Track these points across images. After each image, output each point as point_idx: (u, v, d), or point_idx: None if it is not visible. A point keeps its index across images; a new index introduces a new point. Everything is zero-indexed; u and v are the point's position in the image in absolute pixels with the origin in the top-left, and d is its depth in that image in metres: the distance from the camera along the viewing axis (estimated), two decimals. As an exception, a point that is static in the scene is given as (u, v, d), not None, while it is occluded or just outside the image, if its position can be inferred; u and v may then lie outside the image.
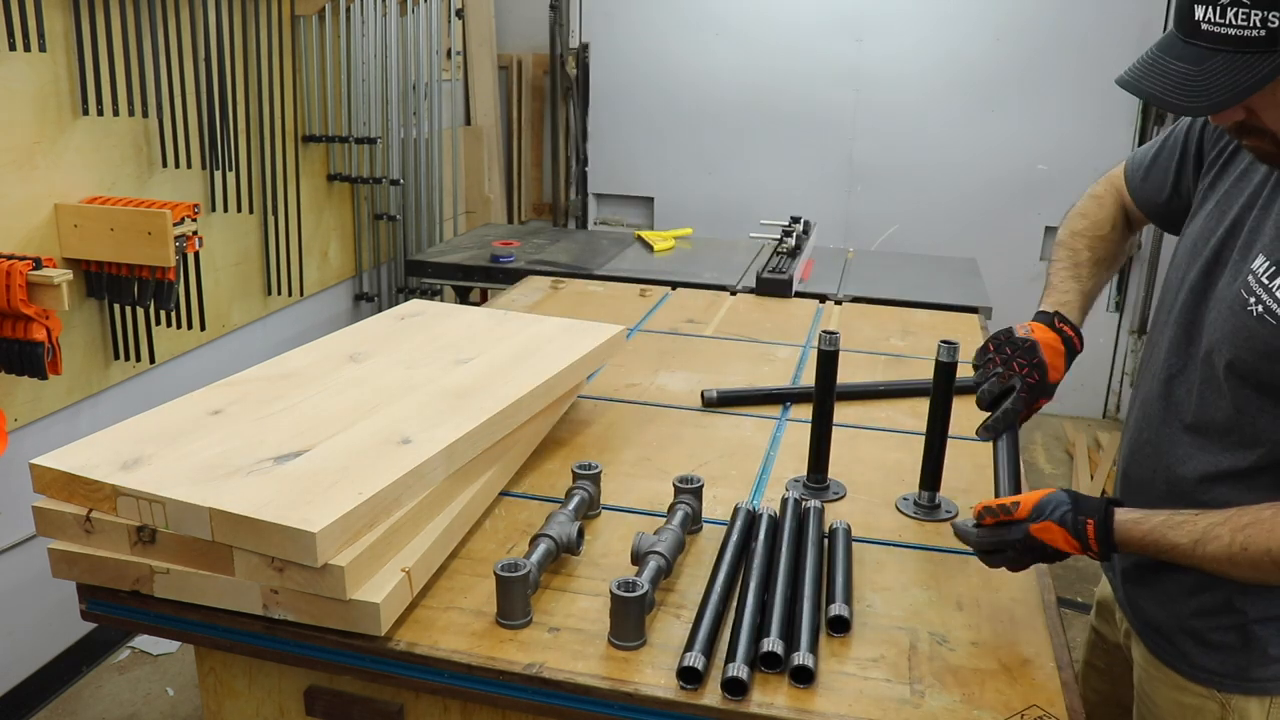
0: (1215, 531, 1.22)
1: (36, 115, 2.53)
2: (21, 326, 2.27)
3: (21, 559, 2.69)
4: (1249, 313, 1.26)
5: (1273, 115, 1.15)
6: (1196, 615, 1.41)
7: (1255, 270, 1.26)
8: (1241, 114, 1.17)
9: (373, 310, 4.25)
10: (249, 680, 1.50)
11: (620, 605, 1.32)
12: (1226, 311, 1.30)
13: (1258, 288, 1.25)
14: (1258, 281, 1.26)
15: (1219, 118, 1.19)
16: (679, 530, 1.51)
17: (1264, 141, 1.20)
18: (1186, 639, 1.43)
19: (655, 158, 5.36)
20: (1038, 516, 1.30)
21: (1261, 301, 1.24)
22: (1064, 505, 1.30)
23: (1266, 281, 1.25)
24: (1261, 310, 1.24)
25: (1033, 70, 4.79)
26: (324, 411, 1.60)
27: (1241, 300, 1.27)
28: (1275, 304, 1.23)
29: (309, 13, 3.60)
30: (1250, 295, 1.26)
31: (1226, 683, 1.39)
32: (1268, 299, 1.24)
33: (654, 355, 2.56)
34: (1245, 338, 1.26)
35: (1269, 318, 1.23)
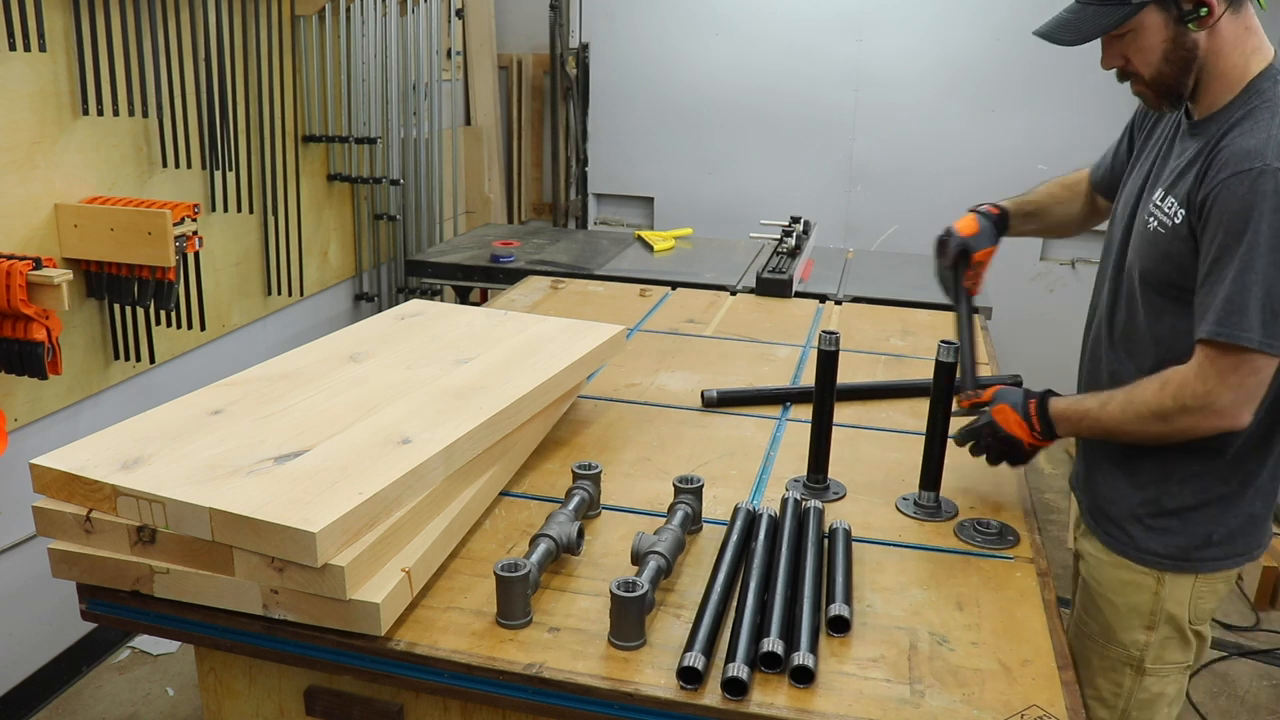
0: (1116, 397, 1.58)
1: (36, 115, 2.52)
2: (21, 326, 2.27)
3: (21, 559, 2.69)
4: (1148, 229, 1.60)
5: (1138, 59, 1.53)
6: (1142, 505, 1.67)
7: (1155, 200, 1.60)
8: (1120, 60, 1.55)
9: (373, 310, 4.25)
10: (249, 680, 1.50)
11: (620, 605, 1.32)
12: (1137, 236, 1.64)
13: (1155, 209, 1.59)
14: (1155, 206, 1.59)
15: (1106, 61, 1.57)
16: (679, 530, 1.51)
17: (1141, 85, 1.57)
18: (1135, 524, 1.68)
19: (655, 158, 5.35)
20: (997, 400, 1.70)
21: (1156, 218, 1.58)
22: (1016, 396, 1.69)
23: (1159, 204, 1.58)
24: (1155, 224, 1.58)
25: (1033, 70, 4.78)
26: (324, 411, 1.60)
27: (1144, 223, 1.62)
28: (1164, 216, 1.56)
29: (309, 13, 3.60)
30: (1150, 218, 1.60)
31: (1166, 563, 1.65)
32: (1160, 215, 1.57)
33: (654, 355, 2.56)
34: (1148, 249, 1.59)
35: (1160, 228, 1.56)
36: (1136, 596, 1.68)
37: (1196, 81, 1.53)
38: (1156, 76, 1.53)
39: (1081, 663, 1.74)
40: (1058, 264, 4.93)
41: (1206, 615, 1.69)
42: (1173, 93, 1.54)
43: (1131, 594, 1.68)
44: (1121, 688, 1.71)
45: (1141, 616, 1.67)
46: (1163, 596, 1.65)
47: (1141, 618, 1.67)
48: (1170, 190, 1.57)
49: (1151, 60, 1.51)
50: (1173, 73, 1.51)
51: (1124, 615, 1.69)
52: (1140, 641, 1.68)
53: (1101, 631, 1.73)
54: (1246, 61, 1.51)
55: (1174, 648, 1.68)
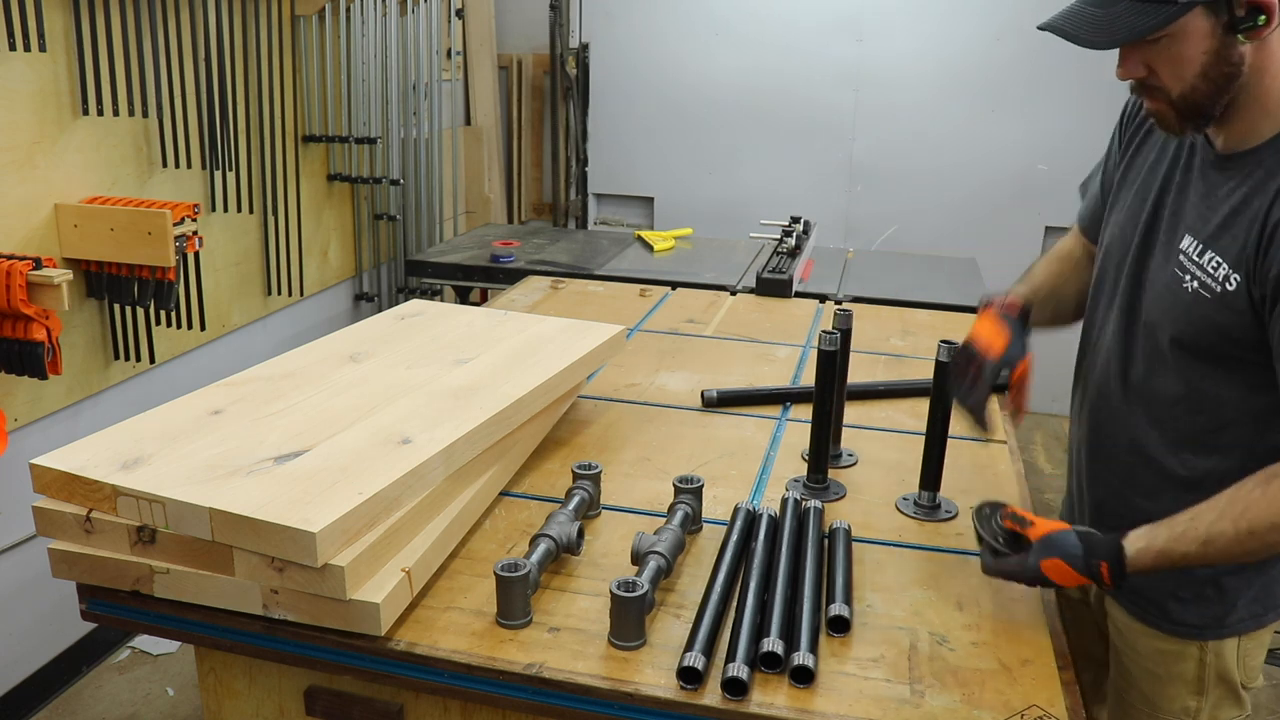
0: (1218, 528, 1.28)
1: (36, 115, 2.52)
2: (21, 326, 2.27)
3: (21, 559, 2.69)
4: (1185, 290, 1.36)
5: (1167, 71, 1.28)
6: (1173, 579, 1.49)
7: (1184, 250, 1.38)
8: (1142, 70, 1.31)
9: (373, 310, 4.25)
10: (249, 680, 1.50)
11: (620, 605, 1.32)
12: (1163, 290, 1.41)
13: (1190, 265, 1.36)
14: (1188, 259, 1.37)
15: (1124, 71, 1.33)
16: (679, 530, 1.51)
17: (1161, 102, 1.32)
18: (1168, 599, 1.52)
19: (655, 158, 5.36)
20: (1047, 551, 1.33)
21: (1195, 278, 1.35)
22: (1075, 551, 1.32)
23: (1197, 259, 1.35)
24: (1196, 286, 1.35)
25: (1033, 70, 4.78)
26: (324, 411, 1.60)
27: (1176, 279, 1.38)
28: (1208, 277, 1.33)
29: (309, 13, 3.60)
30: (1184, 274, 1.37)
31: (1206, 633, 1.51)
32: (1199, 274, 1.34)
33: (654, 355, 2.56)
34: (1183, 313, 1.37)
35: (1203, 291, 1.34)
36: (1180, 665, 1.53)
37: (1229, 105, 1.30)
38: (1188, 94, 1.28)
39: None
40: (1058, 264, 4.93)
41: (1257, 671, 1.55)
42: (1201, 115, 1.31)
43: (1174, 663, 1.53)
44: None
45: (1189, 684, 1.53)
46: (1208, 663, 1.51)
47: (1189, 685, 1.53)
48: (1211, 245, 1.33)
49: (1186, 74, 1.27)
50: (1208, 91, 1.27)
51: (1169, 684, 1.54)
52: (1191, 708, 1.53)
53: (1145, 700, 1.58)
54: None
55: (1228, 706, 1.54)
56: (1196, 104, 1.30)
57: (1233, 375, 1.36)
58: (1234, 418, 1.38)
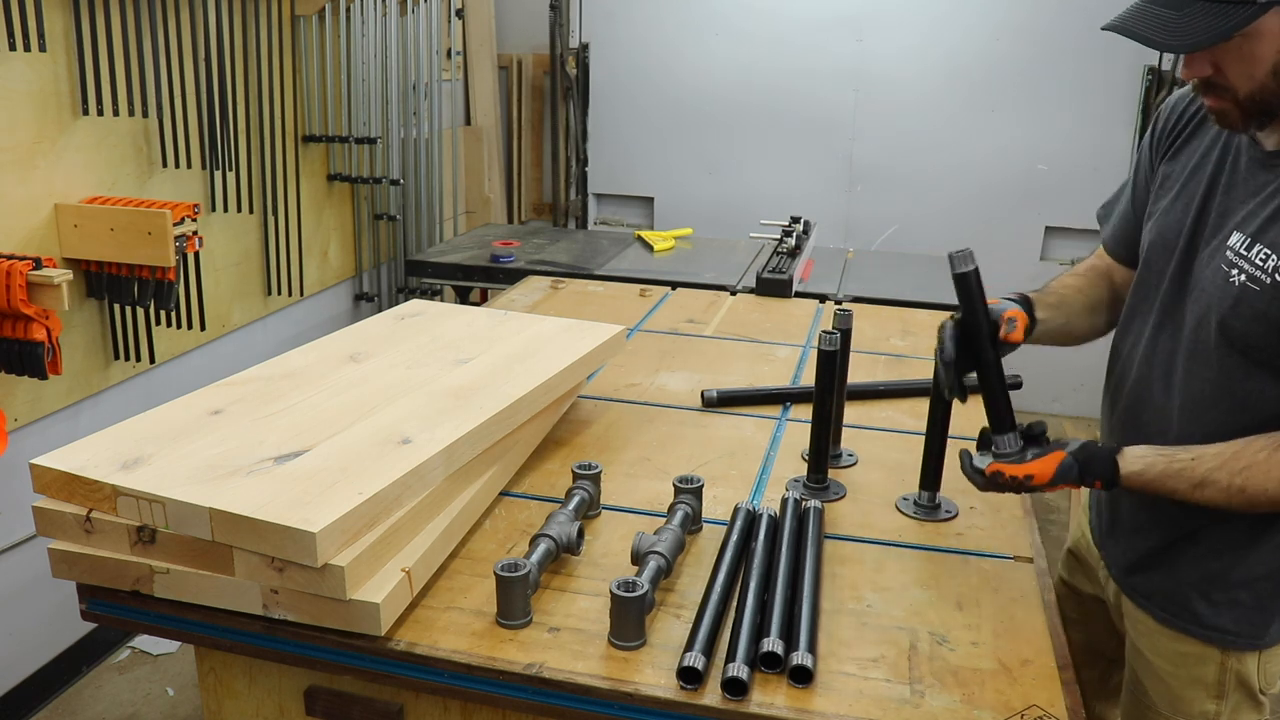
0: (1215, 476, 1.32)
1: (36, 115, 2.53)
2: (21, 326, 2.27)
3: (21, 559, 2.69)
4: (1231, 284, 1.35)
5: (1236, 70, 1.28)
6: (1205, 579, 1.48)
7: (1232, 246, 1.37)
8: (1209, 69, 1.30)
9: (373, 310, 4.25)
10: (249, 680, 1.50)
11: (620, 605, 1.32)
12: (1210, 286, 1.39)
13: (1237, 260, 1.35)
14: (1236, 254, 1.36)
15: (1190, 71, 1.32)
16: (679, 530, 1.51)
17: (1225, 101, 1.32)
18: (1198, 601, 1.50)
19: (655, 158, 5.36)
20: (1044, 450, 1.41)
21: (1243, 270, 1.34)
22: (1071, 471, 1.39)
23: (1245, 253, 1.34)
24: (1244, 279, 1.34)
25: (1033, 70, 4.79)
26: (324, 411, 1.60)
27: (1223, 275, 1.37)
28: (1256, 269, 1.32)
29: (309, 13, 3.60)
30: (1231, 268, 1.36)
31: (1240, 641, 1.48)
32: (1248, 267, 1.34)
33: (654, 355, 2.56)
34: (1231, 306, 1.35)
35: (1251, 284, 1.33)
36: (1200, 669, 1.52)
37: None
38: (1257, 92, 1.28)
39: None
40: (1058, 264, 4.93)
41: (1276, 678, 1.54)
42: (1267, 112, 1.31)
43: (1193, 666, 1.52)
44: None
45: (1208, 688, 1.52)
46: (1229, 668, 1.50)
47: (1208, 689, 1.52)
48: (1260, 239, 1.33)
49: (1257, 74, 1.26)
50: (1277, 89, 1.28)
51: (1187, 687, 1.54)
52: (1210, 712, 1.53)
53: (1163, 703, 1.57)
54: None
55: (1246, 711, 1.53)
56: (1264, 102, 1.30)
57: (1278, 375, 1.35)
58: (1273, 414, 1.36)
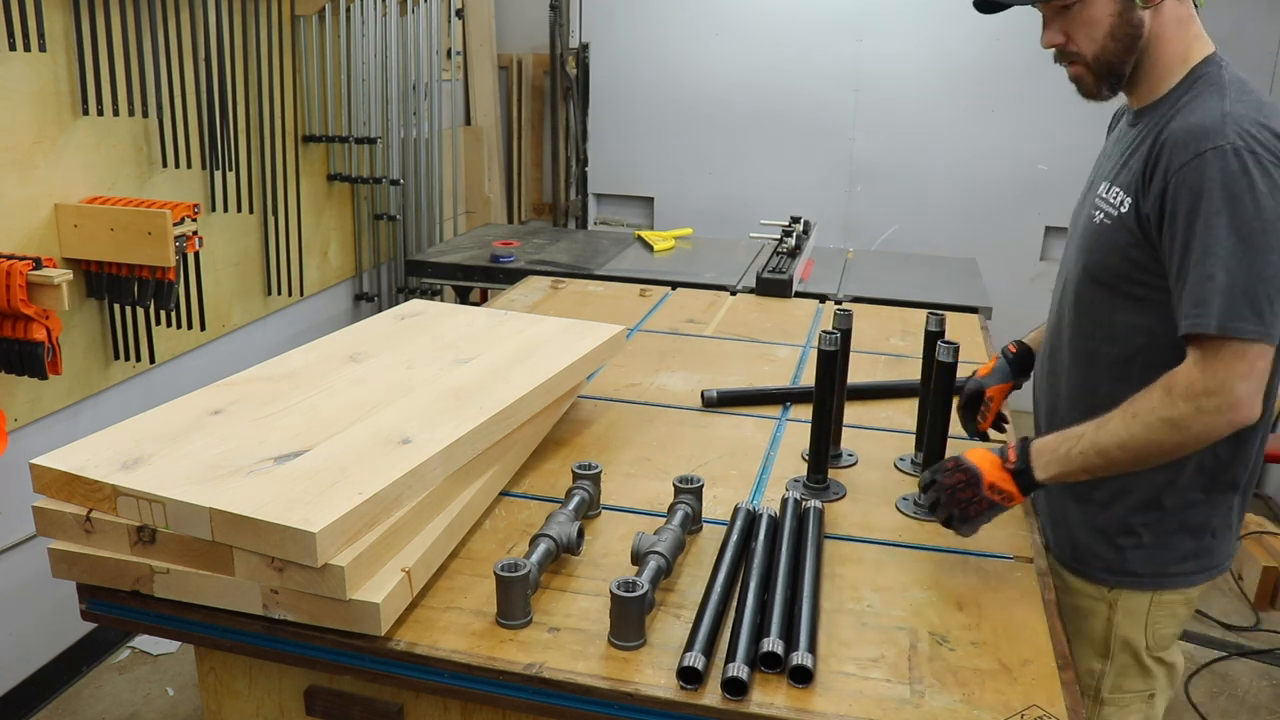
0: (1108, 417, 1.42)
1: (36, 115, 2.52)
2: (21, 326, 2.27)
3: (21, 559, 2.69)
4: (1094, 224, 1.54)
5: (1081, 35, 1.48)
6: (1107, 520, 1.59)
7: (1100, 194, 1.55)
8: (1061, 37, 1.50)
9: (373, 310, 4.25)
10: (249, 680, 1.50)
11: (620, 605, 1.32)
12: (1083, 231, 1.58)
13: (1100, 203, 1.54)
14: (1100, 199, 1.54)
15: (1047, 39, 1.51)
16: (679, 530, 1.51)
17: (1078, 66, 1.52)
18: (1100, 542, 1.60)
19: (655, 158, 5.35)
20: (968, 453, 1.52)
21: (1102, 210, 1.53)
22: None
23: (1103, 195, 1.53)
24: (1101, 217, 1.53)
25: (1033, 70, 4.77)
26: (324, 411, 1.60)
27: (1090, 218, 1.56)
28: (1109, 207, 1.51)
29: (309, 13, 3.60)
30: (1097, 211, 1.54)
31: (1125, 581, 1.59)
32: (1105, 206, 1.52)
33: (654, 355, 2.56)
34: (1093, 242, 1.54)
35: (1106, 220, 1.51)
36: (1087, 623, 1.62)
37: (1136, 66, 1.49)
38: (1100, 54, 1.48)
39: None
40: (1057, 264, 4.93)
41: (1167, 641, 1.62)
42: (1114, 73, 1.50)
43: (1082, 620, 1.63)
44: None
45: (1095, 645, 1.62)
46: (1115, 623, 1.60)
47: (1095, 645, 1.62)
48: (1115, 180, 1.52)
49: (1096, 36, 1.47)
50: (1117, 50, 1.47)
51: (1077, 644, 1.62)
52: (1095, 670, 1.63)
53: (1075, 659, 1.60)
54: (1188, 48, 1.48)
55: (1132, 676, 1.62)
56: (1108, 63, 1.49)
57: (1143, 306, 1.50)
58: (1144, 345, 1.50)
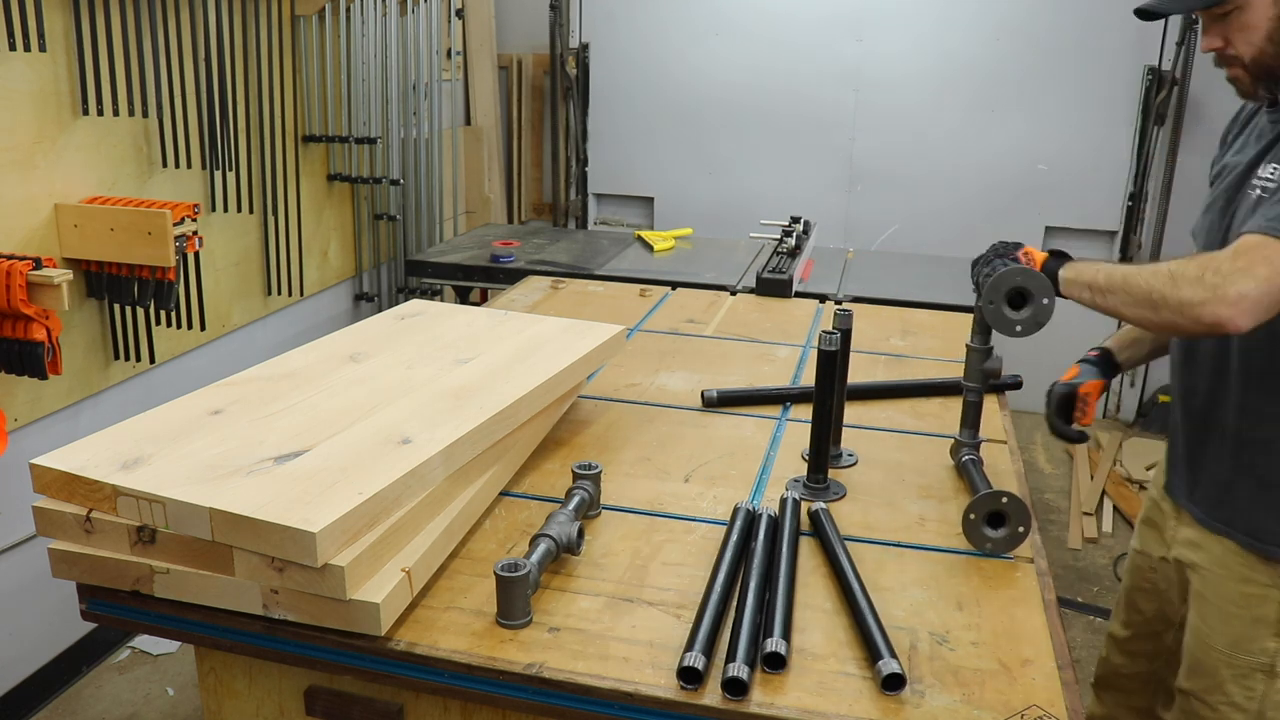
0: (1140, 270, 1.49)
1: (36, 115, 2.52)
2: (21, 326, 2.27)
3: (21, 559, 2.69)
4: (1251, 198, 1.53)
5: (1239, 39, 1.51)
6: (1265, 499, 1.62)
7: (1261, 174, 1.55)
8: (1219, 42, 1.54)
9: (373, 310, 4.25)
10: (249, 680, 1.50)
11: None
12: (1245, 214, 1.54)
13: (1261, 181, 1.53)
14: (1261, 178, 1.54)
15: (1206, 44, 1.56)
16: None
17: (1236, 68, 1.55)
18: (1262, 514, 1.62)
19: (655, 158, 5.36)
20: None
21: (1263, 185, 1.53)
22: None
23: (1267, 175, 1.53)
24: (1259, 192, 1.52)
25: (1033, 70, 4.78)
26: (324, 411, 1.60)
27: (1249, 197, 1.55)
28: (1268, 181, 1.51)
29: (309, 13, 3.60)
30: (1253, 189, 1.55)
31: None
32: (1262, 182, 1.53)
33: (654, 355, 2.56)
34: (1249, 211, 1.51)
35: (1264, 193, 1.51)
36: (1262, 608, 1.65)
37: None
38: (1258, 57, 1.51)
39: (1208, 672, 1.71)
40: (1058, 264, 4.93)
41: None
42: (1271, 75, 1.52)
43: (1256, 606, 1.65)
44: (1255, 692, 1.68)
45: (1269, 625, 1.64)
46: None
47: (1269, 626, 1.64)
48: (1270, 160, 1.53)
49: (1255, 40, 1.50)
50: (1275, 53, 1.50)
51: (1251, 625, 1.66)
52: (1271, 649, 1.65)
53: (1228, 642, 1.69)
54: None
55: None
56: (1266, 65, 1.51)
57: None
58: None
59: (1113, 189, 4.78)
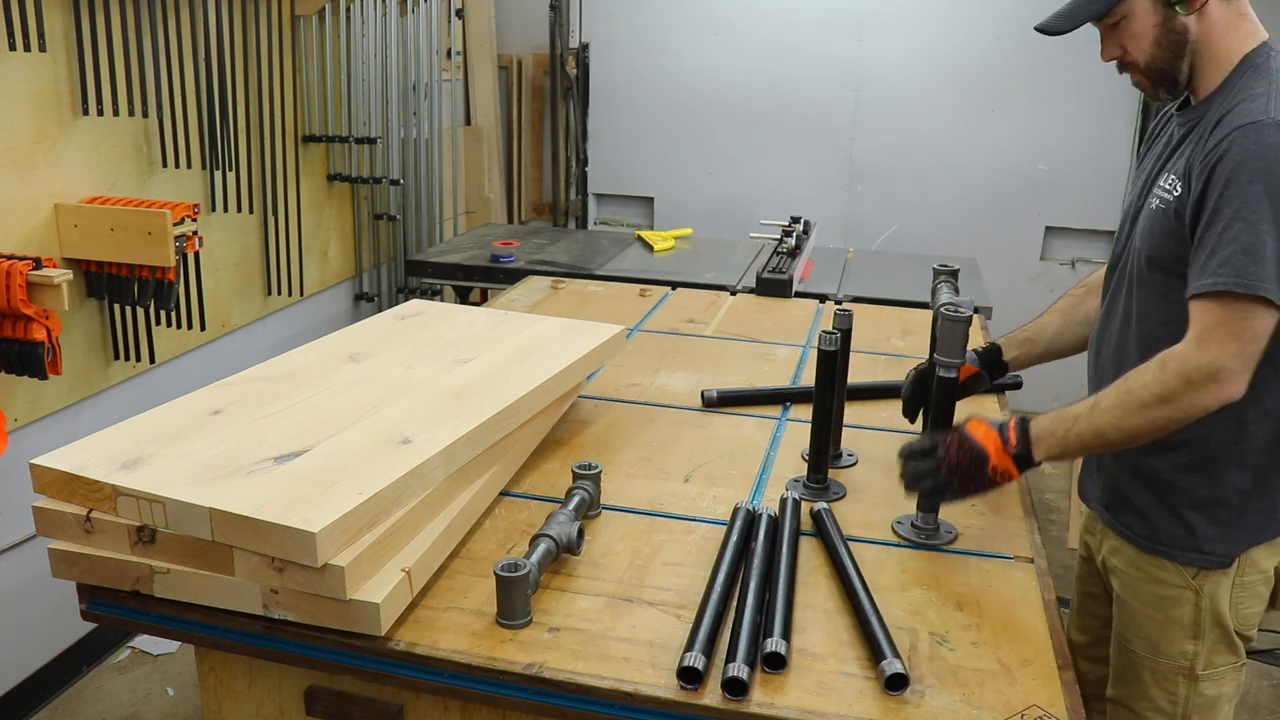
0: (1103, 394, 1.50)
1: (36, 115, 2.52)
2: (21, 326, 2.27)
3: (21, 559, 2.69)
4: (1151, 209, 1.59)
5: (1132, 46, 1.56)
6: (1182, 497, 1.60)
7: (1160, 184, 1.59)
8: (1118, 50, 1.58)
9: (373, 310, 4.25)
10: (249, 680, 1.50)
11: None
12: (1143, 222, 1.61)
13: (1159, 191, 1.58)
14: (1159, 188, 1.58)
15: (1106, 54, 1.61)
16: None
17: (1137, 74, 1.60)
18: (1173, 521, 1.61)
19: (655, 158, 5.35)
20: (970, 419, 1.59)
21: (1158, 197, 1.58)
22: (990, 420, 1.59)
23: (1161, 185, 1.58)
24: (1157, 203, 1.57)
25: (1033, 70, 4.78)
26: (324, 411, 1.60)
27: (1148, 207, 1.61)
28: (1165, 194, 1.55)
29: (309, 13, 3.60)
30: (1154, 200, 1.59)
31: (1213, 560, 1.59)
32: (1161, 193, 1.57)
33: (654, 355, 2.56)
34: (1151, 228, 1.58)
35: (1161, 204, 1.55)
36: (1177, 610, 1.63)
37: (1192, 69, 1.55)
38: (1150, 62, 1.56)
39: (1132, 678, 1.69)
40: (1058, 264, 4.93)
41: (1252, 621, 1.65)
42: (1168, 78, 1.56)
43: (1171, 607, 1.64)
44: (1178, 696, 1.66)
45: (1185, 628, 1.63)
46: (1203, 606, 1.62)
47: (1185, 629, 1.63)
48: (1169, 169, 1.58)
49: (1144, 46, 1.55)
50: (1166, 58, 1.54)
51: (1167, 628, 1.65)
52: (1189, 651, 1.64)
53: (1148, 646, 1.68)
54: (1240, 45, 1.52)
55: (1223, 650, 1.65)
56: (1160, 69, 1.56)
57: None
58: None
59: (1113, 189, 4.77)
